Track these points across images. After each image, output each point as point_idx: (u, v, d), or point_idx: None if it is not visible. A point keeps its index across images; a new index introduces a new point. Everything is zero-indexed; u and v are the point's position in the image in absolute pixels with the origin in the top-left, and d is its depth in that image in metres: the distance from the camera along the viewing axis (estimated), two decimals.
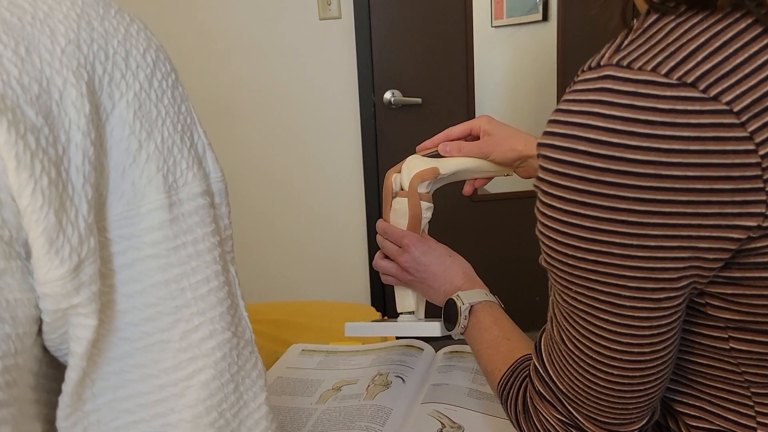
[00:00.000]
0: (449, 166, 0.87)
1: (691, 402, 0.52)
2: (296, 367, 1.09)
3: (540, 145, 0.44)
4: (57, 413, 0.37)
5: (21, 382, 0.35)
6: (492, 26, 2.24)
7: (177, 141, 0.39)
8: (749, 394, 0.48)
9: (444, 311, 0.79)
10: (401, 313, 0.90)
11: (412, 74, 2.14)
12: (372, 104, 2.13)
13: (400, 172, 0.89)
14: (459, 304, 0.75)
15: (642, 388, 0.48)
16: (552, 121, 0.44)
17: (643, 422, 0.52)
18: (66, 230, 0.32)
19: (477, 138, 0.87)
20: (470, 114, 2.15)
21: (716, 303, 0.45)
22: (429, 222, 0.89)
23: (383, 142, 2.18)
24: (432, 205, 0.88)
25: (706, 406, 0.51)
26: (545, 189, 0.44)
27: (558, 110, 0.44)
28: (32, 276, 0.33)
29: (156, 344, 0.37)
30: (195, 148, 0.40)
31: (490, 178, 0.93)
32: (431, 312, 0.86)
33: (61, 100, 0.33)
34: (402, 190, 0.87)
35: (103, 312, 0.36)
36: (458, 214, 2.20)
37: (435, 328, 0.82)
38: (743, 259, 0.42)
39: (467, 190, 0.94)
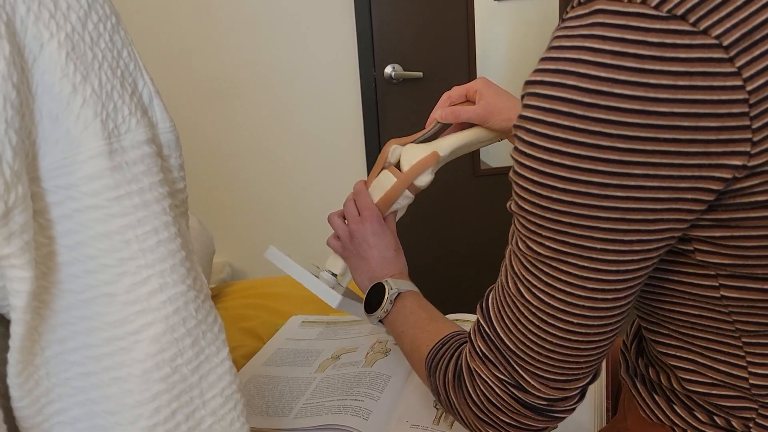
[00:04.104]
0: (446, 146, 0.86)
1: (683, 355, 0.51)
2: (296, 338, 1.09)
3: (528, 83, 0.43)
4: (8, 370, 0.36)
5: None
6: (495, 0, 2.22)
7: (117, 86, 0.37)
8: (740, 344, 0.47)
9: (368, 294, 0.79)
10: (326, 270, 0.90)
11: (413, 48, 2.12)
12: (373, 79, 2.11)
13: (402, 145, 0.88)
14: (387, 288, 0.75)
15: (597, 339, 0.48)
16: (543, 59, 0.43)
17: (587, 381, 0.52)
18: None
19: (471, 101, 0.86)
20: None
21: (704, 248, 0.44)
22: (402, 212, 0.89)
23: (384, 117, 2.16)
24: (413, 198, 0.87)
25: (698, 359, 0.50)
26: (528, 127, 0.43)
27: (549, 48, 0.43)
28: None
29: (101, 297, 0.36)
30: (139, 95, 0.39)
31: None
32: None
33: None
34: (395, 167, 0.87)
35: (45, 264, 0.35)
36: (461, 187, 2.19)
37: (334, 298, 0.83)
38: (730, 200, 0.41)
39: None
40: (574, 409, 0.54)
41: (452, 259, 2.27)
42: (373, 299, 0.77)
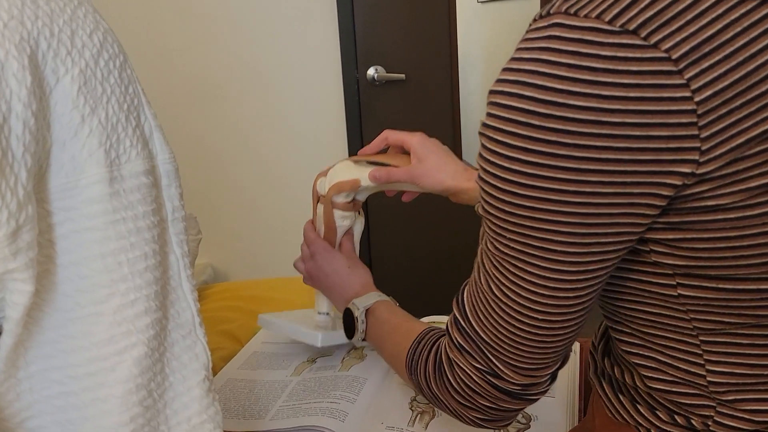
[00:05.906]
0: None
1: (644, 353, 0.52)
2: (272, 341, 1.09)
3: (491, 92, 0.46)
4: None
5: None
6: (479, 1, 2.23)
7: (122, 119, 0.39)
8: (698, 343, 0.48)
9: (344, 321, 0.83)
10: (318, 313, 0.93)
11: (396, 50, 2.12)
12: (355, 80, 2.12)
13: (325, 175, 0.89)
14: (354, 311, 0.79)
15: (561, 333, 0.51)
16: (504, 69, 0.45)
17: (555, 367, 0.56)
18: (5, 196, 0.33)
19: (407, 151, 0.87)
20: (454, 90, 2.14)
21: (660, 249, 0.46)
22: (360, 227, 0.91)
23: (367, 119, 2.17)
24: (351, 214, 0.88)
25: (658, 357, 0.51)
26: (490, 135, 0.45)
27: (510, 59, 0.45)
28: None
29: (89, 316, 0.38)
30: (141, 128, 0.41)
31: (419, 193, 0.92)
32: None
33: (2, 71, 0.33)
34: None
35: (40, 282, 0.36)
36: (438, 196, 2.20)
37: (315, 338, 0.88)
38: (681, 205, 0.43)
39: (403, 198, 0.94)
40: (546, 391, 0.58)
41: (431, 261, 2.27)
42: (351, 323, 0.80)
